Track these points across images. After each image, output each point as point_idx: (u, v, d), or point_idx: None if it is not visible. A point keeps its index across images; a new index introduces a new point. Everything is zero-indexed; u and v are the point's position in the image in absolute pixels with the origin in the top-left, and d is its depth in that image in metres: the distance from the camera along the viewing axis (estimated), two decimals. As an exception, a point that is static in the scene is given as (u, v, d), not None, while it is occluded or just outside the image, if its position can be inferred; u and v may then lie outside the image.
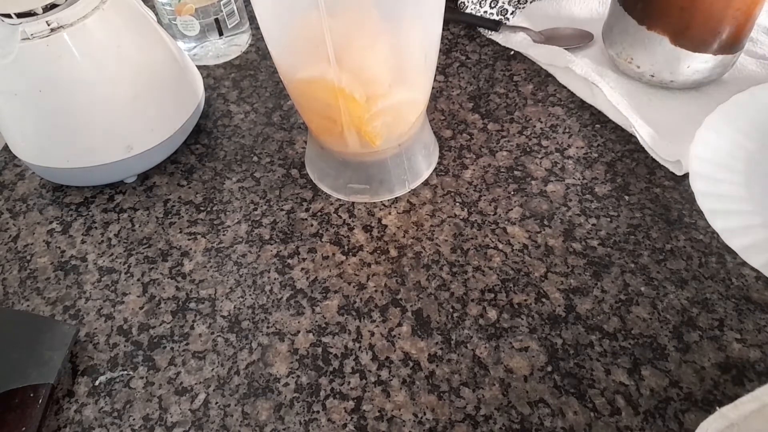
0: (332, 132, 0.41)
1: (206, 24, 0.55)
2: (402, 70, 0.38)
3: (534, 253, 0.40)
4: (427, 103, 0.43)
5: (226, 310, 0.39)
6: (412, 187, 0.45)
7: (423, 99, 0.41)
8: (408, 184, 0.45)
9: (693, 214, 0.41)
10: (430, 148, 0.46)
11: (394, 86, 0.38)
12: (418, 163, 0.45)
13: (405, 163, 0.43)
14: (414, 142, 0.43)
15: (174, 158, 0.49)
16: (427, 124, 0.46)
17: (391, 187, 0.44)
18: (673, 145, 0.44)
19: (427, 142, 0.46)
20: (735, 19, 0.43)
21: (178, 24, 0.54)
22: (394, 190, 0.44)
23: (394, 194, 0.44)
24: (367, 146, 0.41)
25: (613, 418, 0.33)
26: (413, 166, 0.44)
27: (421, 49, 0.38)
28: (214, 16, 0.54)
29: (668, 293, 0.38)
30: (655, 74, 0.48)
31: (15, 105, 0.42)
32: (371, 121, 0.38)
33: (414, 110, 0.41)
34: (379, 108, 0.38)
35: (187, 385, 0.36)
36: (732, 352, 0.35)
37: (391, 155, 0.43)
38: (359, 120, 0.38)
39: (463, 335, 0.37)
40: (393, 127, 0.40)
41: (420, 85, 0.40)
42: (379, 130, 0.39)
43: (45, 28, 0.39)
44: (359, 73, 0.36)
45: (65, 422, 0.35)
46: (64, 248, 0.44)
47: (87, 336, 0.39)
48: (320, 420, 0.34)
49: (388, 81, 0.37)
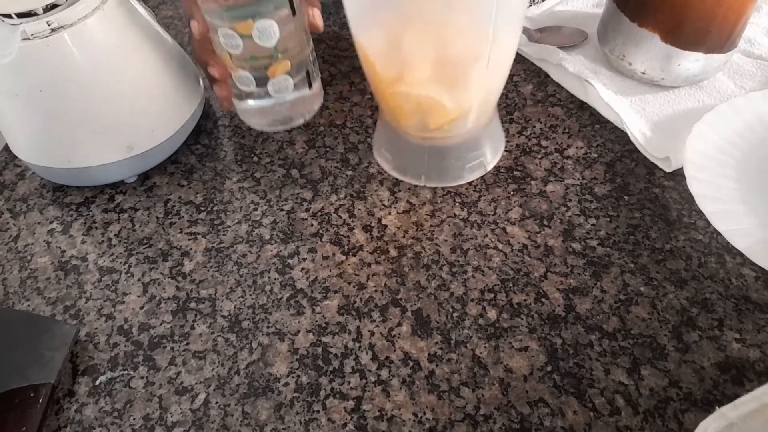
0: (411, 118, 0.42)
1: (300, 79, 0.45)
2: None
3: (534, 253, 0.40)
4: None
5: (227, 310, 0.39)
6: (471, 179, 0.45)
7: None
8: (467, 175, 0.45)
9: (692, 214, 0.41)
10: (499, 134, 0.47)
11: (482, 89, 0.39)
12: (480, 155, 0.45)
13: (468, 153, 0.45)
14: (479, 135, 0.44)
15: (174, 158, 0.49)
16: (497, 121, 0.47)
17: (451, 176, 0.45)
18: (663, 142, 0.45)
19: (494, 136, 0.47)
20: (726, 18, 0.43)
21: (270, 88, 0.44)
22: (453, 179, 0.45)
23: (453, 183, 0.45)
24: (437, 132, 0.42)
25: (613, 417, 0.33)
26: (486, 152, 0.45)
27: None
28: (306, 67, 0.45)
29: (668, 293, 0.38)
30: (647, 72, 0.48)
31: (15, 105, 0.42)
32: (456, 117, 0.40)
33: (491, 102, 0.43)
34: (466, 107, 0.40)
35: (188, 384, 0.36)
36: (731, 352, 0.35)
37: (456, 143, 0.44)
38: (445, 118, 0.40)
39: (463, 335, 0.37)
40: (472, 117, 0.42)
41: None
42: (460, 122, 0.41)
43: (45, 28, 0.39)
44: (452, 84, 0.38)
45: (65, 422, 0.35)
46: (65, 248, 0.44)
47: (87, 336, 0.39)
48: (320, 420, 0.34)
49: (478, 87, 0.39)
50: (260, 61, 0.43)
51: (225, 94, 0.46)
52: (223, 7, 0.39)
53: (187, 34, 0.61)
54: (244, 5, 0.39)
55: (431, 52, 0.36)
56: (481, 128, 0.43)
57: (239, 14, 0.40)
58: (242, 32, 0.40)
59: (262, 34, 0.40)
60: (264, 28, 0.40)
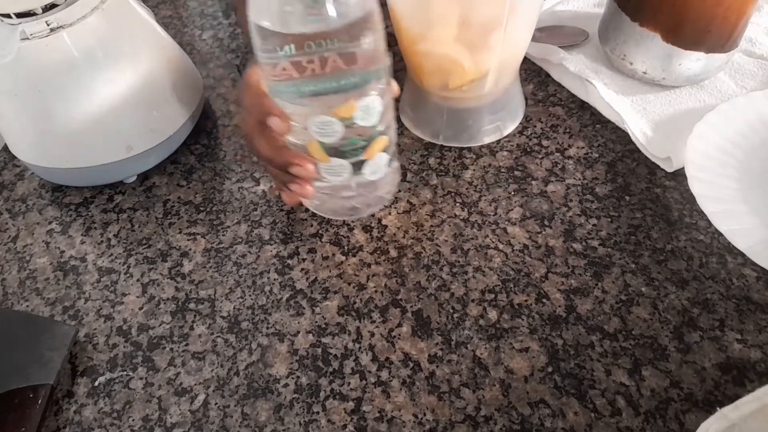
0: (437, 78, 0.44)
1: (392, 154, 0.39)
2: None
3: (534, 253, 0.40)
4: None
5: (226, 311, 0.39)
6: (487, 142, 0.47)
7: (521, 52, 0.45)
8: (483, 138, 0.47)
9: (693, 215, 0.41)
10: (518, 103, 0.49)
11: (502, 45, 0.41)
12: (497, 120, 0.47)
13: (485, 117, 0.46)
14: (498, 100, 0.46)
15: (174, 158, 0.49)
16: (518, 80, 0.48)
17: (467, 137, 0.47)
18: (665, 141, 0.45)
19: (513, 103, 0.48)
20: (726, 18, 0.43)
21: (365, 172, 0.36)
22: (483, 139, 0.47)
23: (468, 144, 0.47)
24: (456, 92, 0.44)
25: (614, 418, 0.33)
26: (504, 117, 0.47)
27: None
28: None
29: (669, 293, 0.37)
30: (648, 71, 0.48)
31: (14, 105, 0.42)
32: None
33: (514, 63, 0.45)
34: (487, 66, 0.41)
35: (187, 385, 0.36)
36: (733, 352, 0.35)
37: (474, 106, 0.45)
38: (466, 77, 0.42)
39: (464, 336, 0.37)
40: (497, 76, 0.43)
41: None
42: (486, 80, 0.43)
43: (45, 28, 0.39)
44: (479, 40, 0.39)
45: (65, 423, 0.35)
46: (64, 248, 0.44)
47: (86, 336, 0.39)
48: (320, 421, 0.34)
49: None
50: (359, 143, 0.35)
51: (310, 192, 0.37)
52: (309, 90, 0.31)
53: (218, 95, 0.54)
54: (334, 77, 0.31)
55: (457, 13, 0.38)
56: (499, 93, 0.45)
57: (329, 90, 0.32)
58: (343, 116, 0.33)
59: (365, 114, 0.33)
60: (367, 107, 0.33)
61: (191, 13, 0.65)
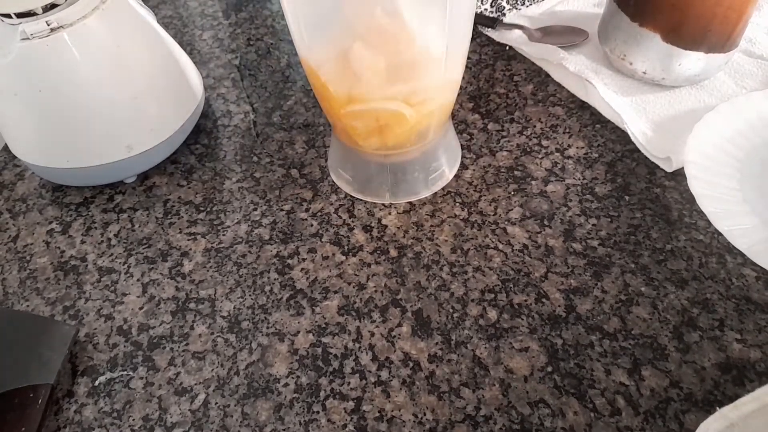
0: (367, 135, 0.41)
1: None
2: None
3: (534, 253, 0.40)
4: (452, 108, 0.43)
5: (226, 311, 0.39)
6: (435, 189, 0.45)
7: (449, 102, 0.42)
8: (431, 186, 0.44)
9: (693, 215, 0.41)
10: (453, 152, 0.46)
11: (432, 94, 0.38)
12: (441, 165, 0.45)
13: (430, 164, 0.44)
14: (438, 145, 0.44)
15: (174, 158, 0.49)
16: (452, 128, 0.46)
17: (416, 190, 0.44)
18: (664, 141, 0.45)
19: (452, 145, 0.46)
20: (726, 18, 0.43)
21: None
22: (418, 192, 0.44)
23: (418, 196, 0.44)
24: (398, 147, 0.41)
25: (614, 418, 0.33)
26: (437, 168, 0.44)
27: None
28: None
29: (668, 293, 0.38)
30: (648, 71, 0.48)
31: (15, 105, 0.42)
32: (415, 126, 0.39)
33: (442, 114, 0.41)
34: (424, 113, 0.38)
35: (187, 385, 0.36)
36: (732, 352, 0.35)
37: (417, 156, 0.43)
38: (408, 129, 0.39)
39: (463, 335, 0.37)
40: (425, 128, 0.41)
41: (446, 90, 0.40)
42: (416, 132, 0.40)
43: (45, 28, 0.39)
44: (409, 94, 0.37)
45: (65, 422, 0.35)
46: (64, 248, 0.44)
47: (87, 336, 0.39)
48: (320, 420, 0.34)
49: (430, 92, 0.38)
50: None
51: None
52: None
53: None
54: None
55: (383, 59, 0.35)
56: (439, 139, 0.43)
57: None
58: None
59: None
60: None
61: (191, 13, 0.65)
